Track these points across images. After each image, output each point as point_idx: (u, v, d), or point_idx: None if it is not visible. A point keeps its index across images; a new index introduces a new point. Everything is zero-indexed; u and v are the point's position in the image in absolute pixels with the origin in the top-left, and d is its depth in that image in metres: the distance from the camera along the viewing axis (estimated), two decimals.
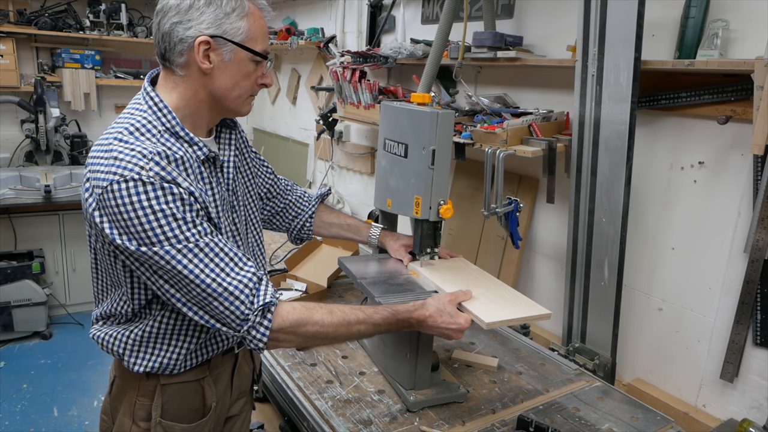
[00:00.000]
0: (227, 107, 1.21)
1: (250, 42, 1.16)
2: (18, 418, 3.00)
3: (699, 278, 1.81)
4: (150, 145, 1.08)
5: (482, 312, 1.33)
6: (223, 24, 1.11)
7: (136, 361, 1.24)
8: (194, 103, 1.17)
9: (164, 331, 1.23)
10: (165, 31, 1.12)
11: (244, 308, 1.12)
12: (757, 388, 1.69)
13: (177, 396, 1.28)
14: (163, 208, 1.05)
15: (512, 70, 2.34)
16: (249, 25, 1.14)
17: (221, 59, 1.13)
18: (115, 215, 1.04)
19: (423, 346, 1.55)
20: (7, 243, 3.84)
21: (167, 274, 1.09)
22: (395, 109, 1.62)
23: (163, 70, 1.18)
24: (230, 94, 1.18)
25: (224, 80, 1.16)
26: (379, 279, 1.60)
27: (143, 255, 1.06)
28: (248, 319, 1.13)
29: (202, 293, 1.10)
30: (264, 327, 1.14)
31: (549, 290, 2.32)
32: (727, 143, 1.70)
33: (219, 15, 1.11)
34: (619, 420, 1.53)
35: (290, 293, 2.25)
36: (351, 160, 3.56)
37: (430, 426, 1.46)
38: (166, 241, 1.06)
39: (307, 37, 3.65)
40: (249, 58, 1.17)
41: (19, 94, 4.09)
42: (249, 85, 1.20)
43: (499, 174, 1.82)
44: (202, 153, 1.18)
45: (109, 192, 1.03)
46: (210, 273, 1.10)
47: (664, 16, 1.79)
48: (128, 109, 1.17)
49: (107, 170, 1.04)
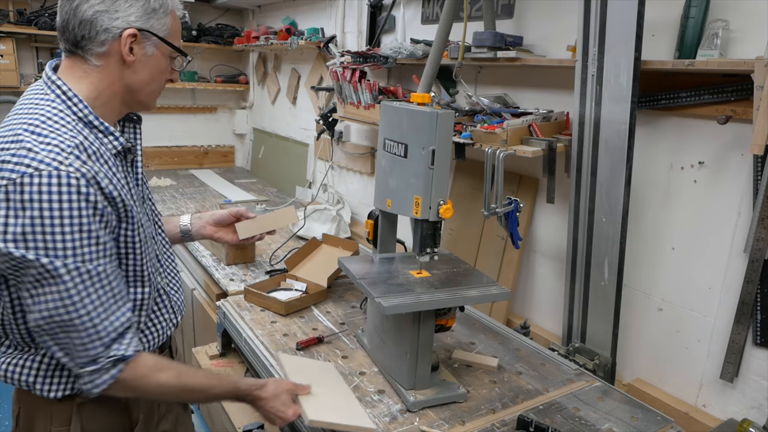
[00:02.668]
0: (139, 100, 1.19)
1: (171, 39, 1.17)
2: None
3: (699, 278, 1.81)
4: (67, 137, 1.01)
5: (311, 408, 1.36)
6: (151, 19, 1.11)
7: (51, 388, 1.13)
8: (107, 94, 1.12)
9: None
10: (86, 18, 1.06)
11: (100, 350, 1.06)
12: (757, 388, 1.69)
13: (97, 415, 1.18)
14: (72, 214, 0.97)
15: (512, 70, 2.34)
16: (171, 22, 1.16)
17: (143, 53, 1.13)
18: (16, 211, 0.95)
19: (423, 346, 1.55)
20: None
21: (38, 290, 0.99)
22: (395, 109, 1.62)
23: (71, 58, 1.12)
24: (146, 88, 1.17)
25: (143, 74, 1.14)
26: (379, 279, 1.60)
27: (24, 261, 0.96)
28: (97, 362, 1.06)
29: (66, 320, 1.01)
30: (109, 376, 1.08)
31: (549, 290, 2.32)
32: (727, 143, 1.70)
33: (147, 9, 1.10)
34: (619, 420, 1.53)
35: (290, 293, 2.25)
36: (351, 160, 3.56)
37: (430, 426, 1.46)
38: (61, 252, 0.97)
39: (307, 37, 3.65)
40: (166, 54, 1.17)
41: (19, 94, 4.09)
42: (162, 81, 1.20)
43: (499, 174, 1.82)
44: (118, 143, 1.12)
45: (18, 185, 0.94)
46: (89, 304, 1.03)
47: (664, 16, 1.79)
48: (30, 99, 1.09)
49: (18, 161, 0.96)
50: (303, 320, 2.07)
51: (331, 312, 2.16)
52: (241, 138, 5.30)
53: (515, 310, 2.47)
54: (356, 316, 2.13)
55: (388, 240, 1.84)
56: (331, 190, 3.79)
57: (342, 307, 2.21)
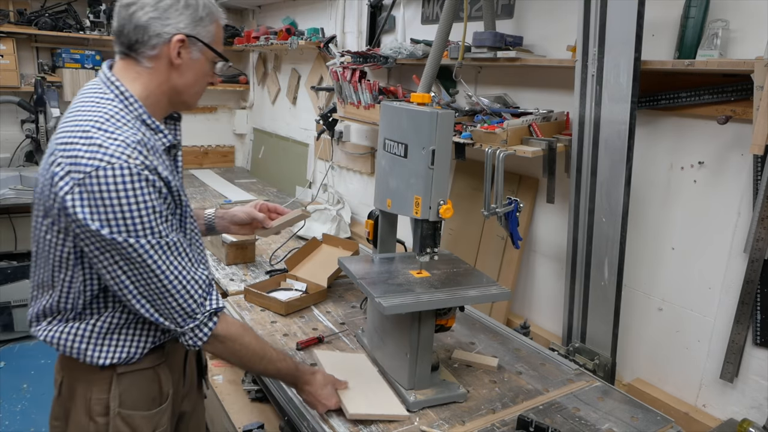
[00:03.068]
0: (184, 100, 1.29)
1: (215, 45, 1.27)
2: (18, 418, 3.00)
3: (699, 278, 1.81)
4: (129, 134, 1.12)
5: (350, 403, 1.49)
6: (198, 26, 1.21)
7: (99, 355, 1.24)
8: (157, 94, 1.23)
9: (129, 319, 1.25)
10: (140, 23, 1.17)
11: (195, 306, 1.21)
12: (757, 388, 1.69)
13: (133, 386, 1.28)
14: (145, 199, 1.10)
15: (512, 70, 2.34)
16: (215, 30, 1.26)
17: (190, 57, 1.22)
18: (96, 200, 1.07)
19: (423, 346, 1.55)
20: (7, 243, 3.84)
21: (129, 265, 1.13)
22: (395, 109, 1.63)
23: (125, 60, 1.22)
24: (191, 89, 1.27)
25: (189, 76, 1.25)
26: (379, 279, 1.60)
27: (113, 242, 1.09)
28: (195, 317, 1.22)
29: (160, 287, 1.16)
30: (208, 328, 1.24)
31: (549, 290, 2.32)
32: (727, 143, 1.70)
33: (195, 18, 1.21)
34: (619, 420, 1.53)
35: (290, 293, 2.25)
36: (351, 160, 3.56)
37: (430, 426, 1.46)
38: (141, 232, 1.10)
39: (307, 37, 3.65)
40: (209, 59, 1.27)
41: (19, 94, 4.09)
42: (205, 84, 1.31)
43: (499, 174, 1.82)
44: (167, 141, 1.23)
45: (94, 178, 1.06)
46: (174, 270, 1.17)
47: (664, 16, 1.79)
48: (91, 98, 1.18)
49: (92, 157, 1.07)
50: (303, 320, 2.07)
51: (331, 312, 2.16)
52: (241, 138, 5.30)
53: (515, 310, 2.47)
54: (356, 316, 2.13)
55: (388, 240, 1.84)
56: (331, 190, 3.79)
57: (342, 307, 2.21)
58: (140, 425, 1.28)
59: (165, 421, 1.34)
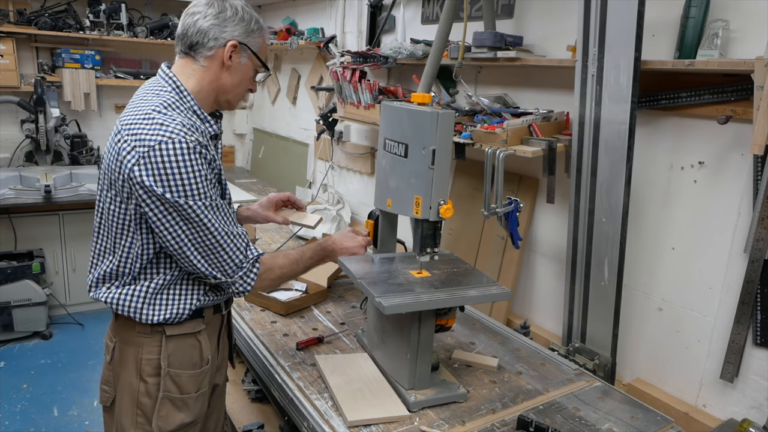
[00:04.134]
0: (228, 99, 1.50)
1: (261, 55, 1.49)
2: (18, 418, 3.00)
3: (699, 278, 1.81)
4: (184, 119, 1.33)
5: (349, 410, 1.49)
6: (249, 36, 1.44)
7: (153, 312, 1.41)
8: (207, 90, 1.44)
9: (175, 280, 1.43)
10: (203, 28, 1.40)
11: (242, 257, 1.43)
12: (757, 388, 1.69)
13: (179, 348, 1.45)
14: (199, 168, 1.30)
15: (512, 70, 2.34)
16: (262, 42, 1.49)
17: (239, 61, 1.45)
18: (160, 169, 1.26)
19: (423, 346, 1.55)
20: (7, 243, 3.84)
21: (188, 224, 1.32)
22: (395, 109, 1.62)
23: (184, 59, 1.44)
24: (235, 90, 1.48)
25: (236, 77, 1.46)
26: (379, 279, 1.60)
27: (175, 204, 1.29)
28: (242, 266, 1.43)
29: (213, 242, 1.36)
30: (254, 274, 1.46)
31: (549, 290, 2.32)
32: (727, 143, 1.70)
33: (247, 29, 1.44)
34: (619, 420, 1.53)
35: (290, 293, 2.25)
36: (351, 160, 3.56)
37: (430, 426, 1.46)
38: (197, 195, 1.30)
39: (307, 37, 3.65)
40: (254, 66, 1.49)
41: (19, 94, 4.09)
42: (246, 87, 1.52)
43: (499, 174, 1.82)
44: (213, 129, 1.43)
45: (158, 150, 1.26)
46: (223, 226, 1.37)
47: (664, 16, 1.79)
48: (152, 90, 1.39)
49: (155, 133, 1.27)
50: (303, 320, 2.07)
51: (331, 312, 2.16)
52: (241, 138, 5.30)
53: (515, 310, 2.47)
54: (356, 316, 2.13)
55: (388, 240, 1.84)
56: (331, 190, 3.79)
57: (342, 307, 2.21)
58: (186, 383, 1.46)
59: (206, 384, 1.52)
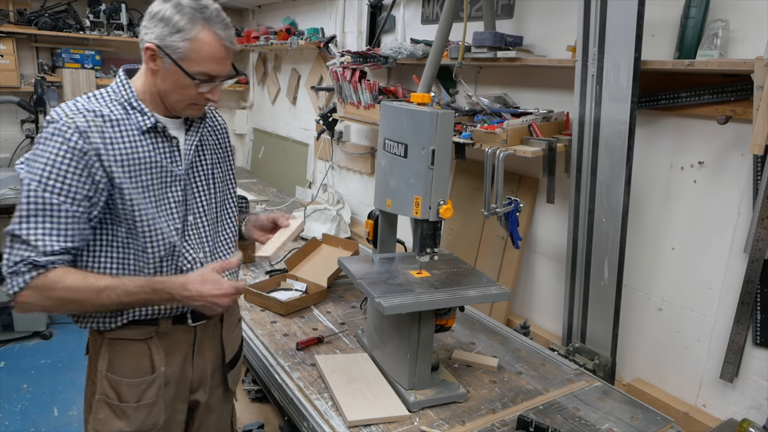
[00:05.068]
0: (169, 104, 1.37)
1: (187, 62, 1.29)
2: (18, 418, 2.99)
3: (699, 278, 1.81)
4: (95, 106, 1.29)
5: (349, 409, 1.48)
6: (166, 39, 1.28)
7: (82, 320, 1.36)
8: (151, 91, 1.36)
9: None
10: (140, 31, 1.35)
11: (25, 255, 1.20)
12: (757, 388, 1.69)
13: (123, 353, 1.37)
14: (52, 152, 1.22)
15: (512, 70, 2.34)
16: (190, 48, 1.28)
17: (163, 66, 1.31)
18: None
19: (423, 346, 1.55)
20: None
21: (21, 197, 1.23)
22: (395, 109, 1.63)
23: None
24: (170, 97, 1.35)
25: (167, 83, 1.33)
26: (379, 279, 1.60)
27: (20, 171, 1.24)
28: (16, 266, 1.21)
29: (14, 224, 1.22)
30: (23, 281, 1.21)
31: (549, 290, 2.32)
32: (727, 143, 1.70)
33: (165, 32, 1.28)
34: (619, 420, 1.53)
35: (290, 293, 2.25)
36: (351, 160, 3.56)
37: (430, 426, 1.46)
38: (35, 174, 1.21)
39: (307, 37, 3.65)
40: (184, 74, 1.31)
41: (19, 94, 4.08)
42: (188, 95, 1.34)
43: (499, 174, 1.82)
44: (149, 122, 1.33)
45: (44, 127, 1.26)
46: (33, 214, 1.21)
47: (664, 16, 1.79)
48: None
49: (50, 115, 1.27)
50: (303, 320, 2.07)
51: (331, 312, 2.16)
52: (241, 138, 5.30)
53: (515, 310, 2.47)
54: (356, 316, 2.13)
55: (388, 240, 1.84)
56: (331, 190, 3.79)
57: (342, 307, 2.21)
58: (125, 392, 1.36)
59: (152, 395, 1.38)
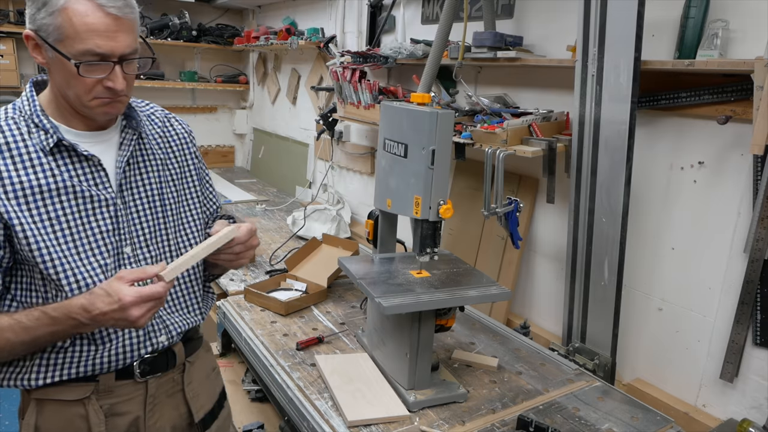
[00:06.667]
0: (77, 108, 1.09)
1: (65, 42, 1.00)
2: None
3: (699, 278, 1.81)
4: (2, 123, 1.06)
5: (350, 410, 1.47)
6: (36, 20, 1.01)
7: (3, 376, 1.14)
8: (56, 96, 1.10)
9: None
10: None
11: None
12: (757, 388, 1.69)
13: (54, 417, 1.15)
14: None
15: (512, 70, 2.34)
16: (62, 22, 0.99)
17: (48, 56, 1.04)
18: None
19: (423, 346, 1.55)
20: None
21: None
22: (395, 109, 1.63)
23: None
24: (68, 93, 1.07)
25: (59, 77, 1.05)
26: (379, 279, 1.60)
27: None
28: None
29: None
30: None
31: (549, 290, 2.32)
32: (727, 143, 1.70)
33: (33, 11, 1.01)
34: (619, 420, 1.53)
35: (290, 293, 2.25)
36: (351, 160, 3.56)
37: (430, 426, 1.46)
38: None
39: (307, 37, 3.65)
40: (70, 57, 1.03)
41: (19, 94, 4.07)
42: (84, 87, 1.04)
43: (499, 174, 1.82)
44: (51, 141, 1.07)
45: None
46: None
47: (664, 16, 1.79)
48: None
49: None
50: (303, 320, 2.07)
51: (331, 312, 2.16)
52: (241, 138, 5.30)
53: (515, 310, 2.47)
54: (356, 316, 2.13)
55: (388, 240, 1.84)
56: (331, 190, 3.79)
57: (342, 307, 2.21)
58: None
59: None
